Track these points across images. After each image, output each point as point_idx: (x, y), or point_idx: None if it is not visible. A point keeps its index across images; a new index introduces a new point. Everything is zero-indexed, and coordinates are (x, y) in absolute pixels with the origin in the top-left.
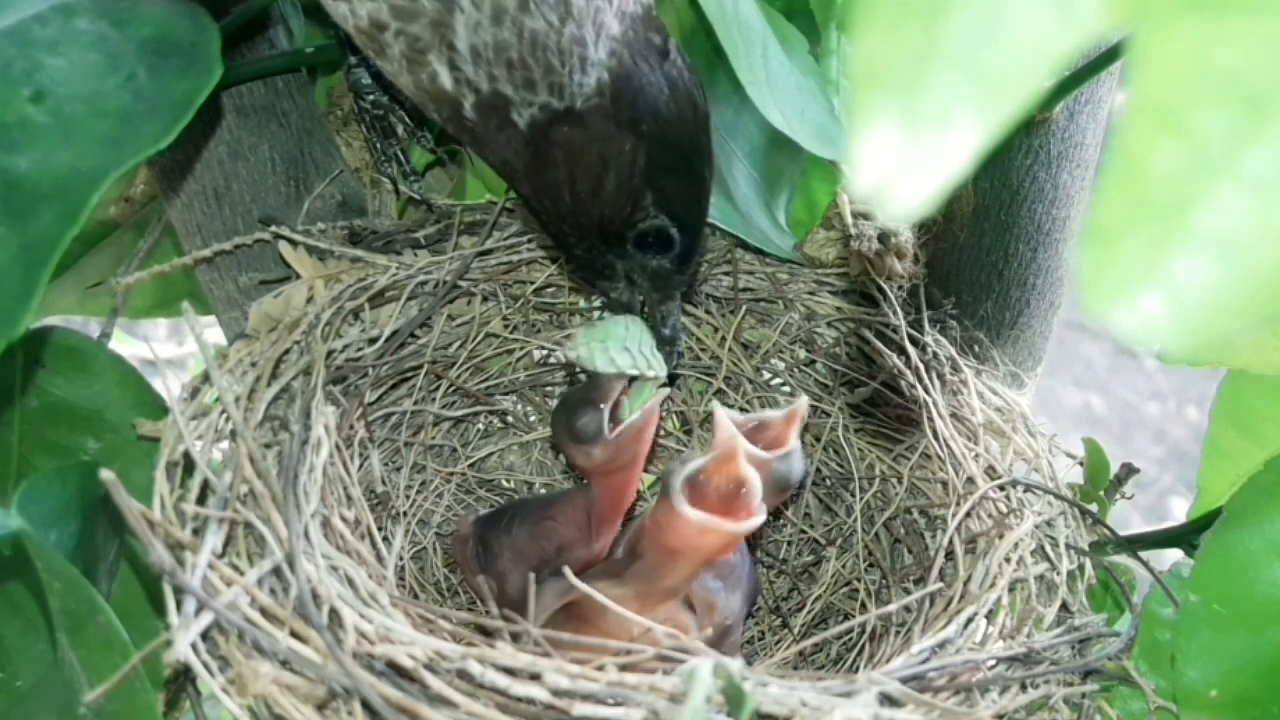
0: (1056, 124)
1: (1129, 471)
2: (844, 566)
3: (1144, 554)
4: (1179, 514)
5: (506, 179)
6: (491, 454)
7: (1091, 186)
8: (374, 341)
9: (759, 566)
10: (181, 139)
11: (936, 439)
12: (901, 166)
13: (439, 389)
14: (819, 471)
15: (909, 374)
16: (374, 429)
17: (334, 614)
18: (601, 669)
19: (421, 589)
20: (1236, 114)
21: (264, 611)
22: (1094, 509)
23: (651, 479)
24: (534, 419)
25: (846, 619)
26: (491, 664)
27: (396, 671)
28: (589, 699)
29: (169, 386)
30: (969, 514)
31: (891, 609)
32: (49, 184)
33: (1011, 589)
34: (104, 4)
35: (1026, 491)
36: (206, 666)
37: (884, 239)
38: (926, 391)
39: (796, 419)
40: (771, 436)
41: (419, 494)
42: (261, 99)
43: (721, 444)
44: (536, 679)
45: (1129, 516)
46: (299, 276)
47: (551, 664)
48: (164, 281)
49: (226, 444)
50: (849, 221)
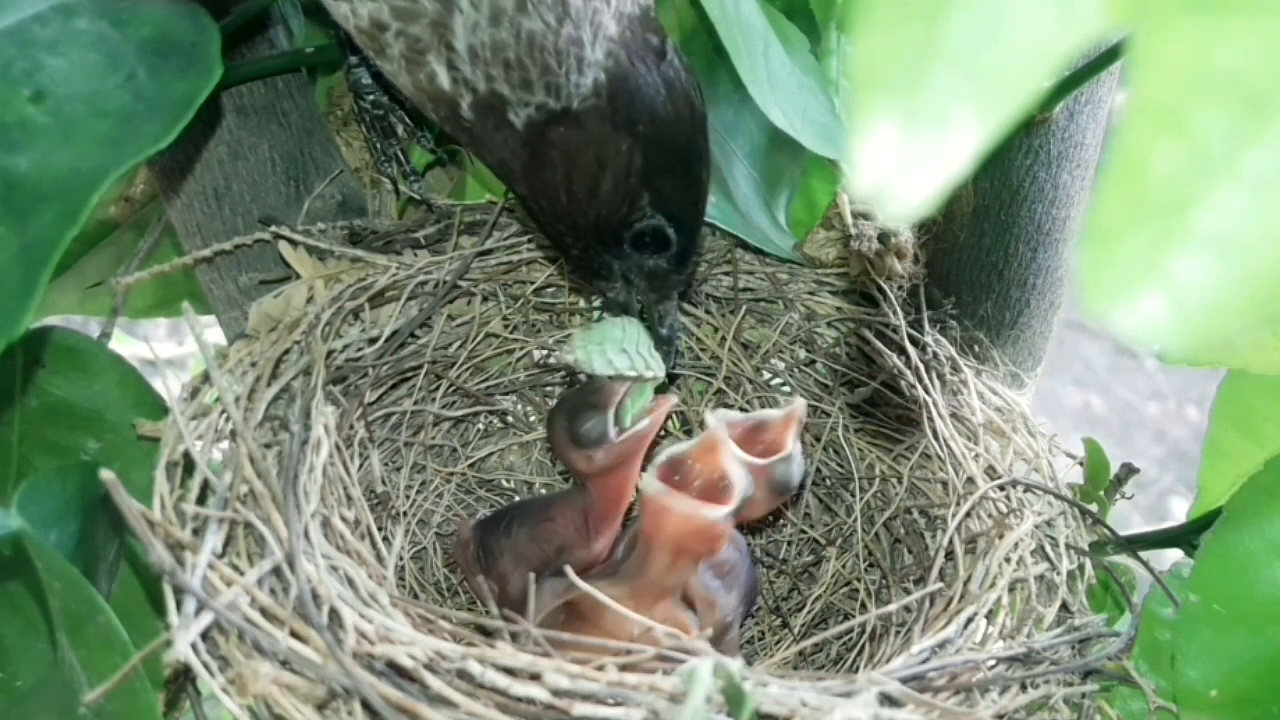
0: (1056, 124)
1: (1129, 471)
2: (844, 566)
3: (1144, 554)
4: (1179, 514)
5: (504, 179)
6: (491, 454)
7: (1091, 186)
8: (374, 341)
9: (759, 566)
10: (181, 139)
11: (936, 439)
12: (901, 166)
13: (439, 389)
14: (819, 471)
15: (909, 374)
16: (374, 429)
17: (334, 614)
18: (601, 669)
19: (421, 589)
20: (1236, 114)
21: (264, 611)
22: (1094, 509)
23: None
24: (534, 419)
25: (846, 619)
26: (491, 664)
27: (396, 671)
28: (589, 699)
29: (169, 386)
30: (969, 514)
31: (891, 609)
32: (49, 184)
33: (1011, 589)
34: (104, 4)
35: (1026, 491)
36: (206, 666)
37: (884, 239)
38: (926, 391)
39: (794, 422)
40: (770, 439)
41: (419, 494)
42: (261, 99)
43: (706, 435)
44: (536, 679)
45: (1129, 516)
46: (299, 276)
47: (551, 664)
48: (164, 281)
49: (226, 444)
50: (849, 221)
